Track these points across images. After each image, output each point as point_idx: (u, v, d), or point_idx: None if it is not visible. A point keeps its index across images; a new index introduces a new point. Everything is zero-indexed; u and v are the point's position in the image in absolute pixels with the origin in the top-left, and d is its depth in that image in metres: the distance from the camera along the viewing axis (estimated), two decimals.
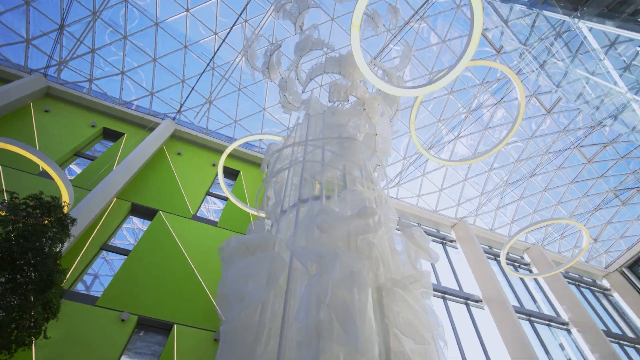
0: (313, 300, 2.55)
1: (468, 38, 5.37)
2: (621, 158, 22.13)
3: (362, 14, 5.19)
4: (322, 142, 4.47)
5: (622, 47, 8.40)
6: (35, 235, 5.52)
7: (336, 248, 3.04)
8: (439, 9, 16.48)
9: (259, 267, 3.04)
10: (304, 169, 4.28)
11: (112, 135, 15.47)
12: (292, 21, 9.69)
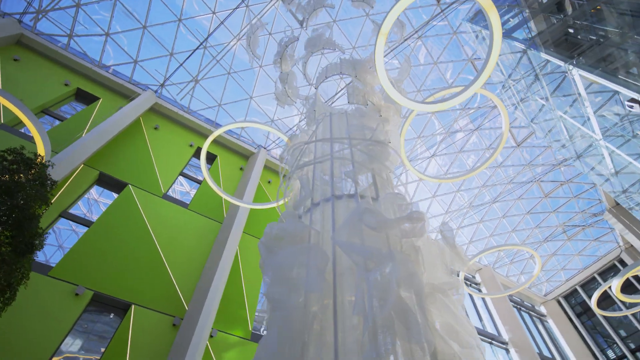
0: (375, 296, 2.52)
1: (485, 60, 5.53)
2: (573, 197, 23.85)
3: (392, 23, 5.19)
4: (350, 141, 4.40)
5: (603, 96, 9.06)
6: (20, 193, 5.03)
7: (382, 248, 3.02)
8: (436, 32, 16.95)
9: (305, 257, 2.94)
10: (335, 166, 4.21)
11: (86, 98, 14.47)
12: (303, 16, 9.54)
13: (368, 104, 5.66)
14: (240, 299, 12.05)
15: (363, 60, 6.73)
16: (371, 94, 5.90)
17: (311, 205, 4.03)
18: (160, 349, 9.43)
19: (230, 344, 10.76)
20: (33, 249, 5.27)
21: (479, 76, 5.55)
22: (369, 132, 4.68)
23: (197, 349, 9.20)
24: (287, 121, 19.29)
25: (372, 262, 2.77)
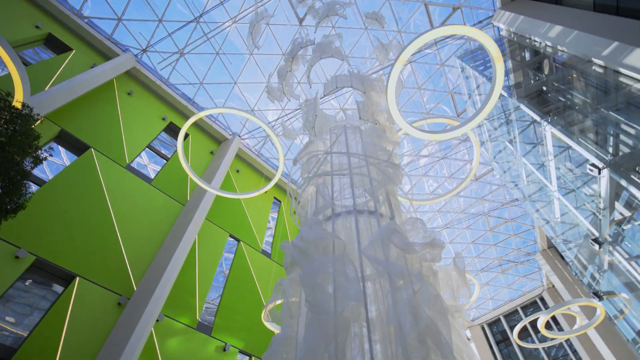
0: (409, 312, 2.61)
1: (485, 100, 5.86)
2: (513, 235, 25.87)
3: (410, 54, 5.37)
4: (367, 159, 4.50)
5: (566, 154, 10.01)
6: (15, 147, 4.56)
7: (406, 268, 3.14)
8: (425, 59, 17.62)
9: (340, 266, 2.97)
10: (353, 180, 4.27)
11: (58, 46, 13.27)
12: (314, 19, 9.50)
13: (376, 122, 5.81)
14: (191, 286, 11.68)
15: (372, 79, 6.86)
16: (378, 113, 6.05)
17: (332, 215, 4.08)
18: (102, 328, 8.89)
19: (176, 330, 10.39)
20: (16, 211, 4.82)
21: (478, 114, 5.91)
22: (382, 152, 4.82)
23: (143, 332, 8.79)
24: (267, 113, 19.02)
25: (400, 280, 2.90)
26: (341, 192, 4.32)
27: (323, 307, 2.77)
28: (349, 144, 4.99)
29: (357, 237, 3.64)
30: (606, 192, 8.15)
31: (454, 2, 16.10)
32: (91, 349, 8.43)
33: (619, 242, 9.68)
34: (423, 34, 5.29)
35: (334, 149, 4.98)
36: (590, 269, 12.79)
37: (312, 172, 4.66)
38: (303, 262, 3.26)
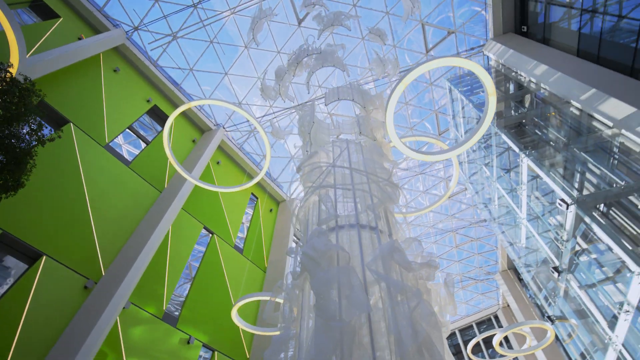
0: (408, 325, 2.85)
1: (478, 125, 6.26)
2: (477, 254, 27.10)
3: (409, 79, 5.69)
4: (368, 176, 4.75)
5: (538, 185, 10.77)
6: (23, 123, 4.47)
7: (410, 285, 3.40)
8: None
9: (346, 277, 3.18)
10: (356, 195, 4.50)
11: (44, 11, 12.69)
12: (319, 25, 9.69)
13: (375, 139, 6.09)
14: (161, 276, 11.53)
15: (373, 96, 7.15)
16: (376, 129, 6.33)
17: (336, 227, 4.29)
18: (65, 311, 8.64)
19: (141, 319, 10.24)
20: (17, 189, 4.70)
21: (466, 142, 6.33)
22: (382, 170, 5.10)
23: (109, 318, 8.64)
24: (254, 108, 18.98)
25: (400, 295, 3.17)
26: (344, 205, 4.56)
27: (332, 315, 3.00)
28: (351, 159, 5.24)
29: (361, 251, 3.89)
30: (570, 226, 8.85)
31: (449, 25, 16.78)
32: (52, 332, 8.19)
33: (575, 272, 10.51)
34: (424, 63, 5.63)
35: (337, 163, 5.23)
36: (545, 293, 13.73)
37: (317, 182, 4.85)
38: (314, 271, 3.46)
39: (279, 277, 15.94)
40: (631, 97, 8.17)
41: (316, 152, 5.62)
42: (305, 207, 5.19)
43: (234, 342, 12.93)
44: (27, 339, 7.69)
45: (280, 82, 10.18)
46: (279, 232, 18.72)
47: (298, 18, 17.36)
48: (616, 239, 7.58)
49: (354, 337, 2.92)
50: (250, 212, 18.37)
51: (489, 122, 6.46)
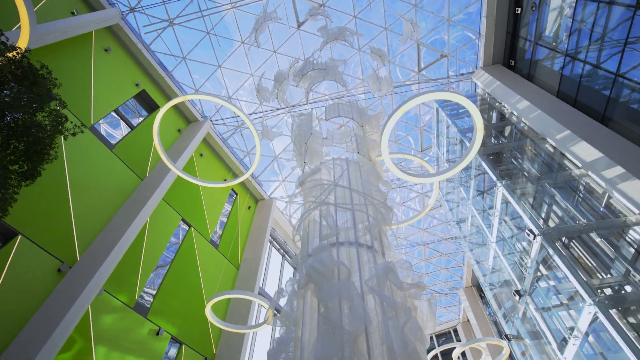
0: (399, 338, 3.27)
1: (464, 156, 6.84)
2: (444, 268, 28.30)
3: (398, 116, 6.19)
4: (365, 198, 5.18)
5: (510, 214, 11.63)
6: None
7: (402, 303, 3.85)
8: (404, 93, 18.94)
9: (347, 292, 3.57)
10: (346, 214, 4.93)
11: None
12: (323, 38, 10.07)
13: (371, 159, 6.54)
14: (136, 264, 11.53)
15: (371, 116, 7.61)
16: (372, 149, 6.80)
17: (337, 243, 4.69)
18: (37, 293, 8.58)
19: (112, 307, 10.25)
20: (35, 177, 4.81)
21: (451, 169, 6.91)
22: (378, 192, 5.56)
23: (83, 305, 8.66)
24: (244, 104, 19.09)
25: (392, 311, 3.61)
26: (346, 223, 4.99)
27: (336, 324, 3.40)
28: (350, 179, 5.68)
29: (359, 269, 4.32)
30: (535, 254, 9.68)
31: (443, 47, 17.61)
32: (23, 314, 8.13)
33: (534, 295, 11.42)
34: (421, 95, 6.16)
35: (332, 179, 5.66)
36: (504, 312, 14.71)
37: (319, 199, 5.24)
38: (321, 283, 3.84)
39: (252, 275, 16.18)
40: (600, 143, 9.06)
41: (319, 169, 6.01)
42: (306, 221, 5.56)
43: (202, 337, 13.07)
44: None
45: (279, 87, 10.51)
46: (255, 230, 18.92)
47: (298, 21, 17.67)
48: (573, 270, 8.42)
49: (354, 345, 3.34)
50: (228, 208, 18.47)
51: (474, 154, 7.07)
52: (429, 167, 9.51)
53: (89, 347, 9.19)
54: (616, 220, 9.01)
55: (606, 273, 9.45)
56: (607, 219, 9.24)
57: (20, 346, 7.68)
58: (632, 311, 8.43)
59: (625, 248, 9.19)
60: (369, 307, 3.89)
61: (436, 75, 18.61)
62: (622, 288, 8.99)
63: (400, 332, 3.44)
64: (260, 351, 15.98)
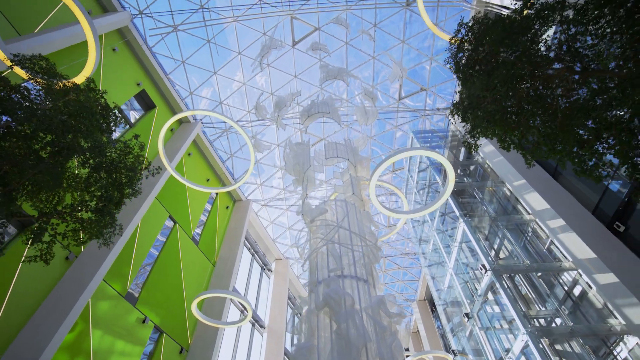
0: (387, 353, 5.25)
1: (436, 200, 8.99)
2: (400, 281, 31.06)
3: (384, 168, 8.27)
4: (362, 239, 7.16)
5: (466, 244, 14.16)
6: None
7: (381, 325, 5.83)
8: (384, 117, 21.28)
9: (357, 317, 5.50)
10: (348, 252, 6.88)
11: None
12: (323, 75, 11.98)
13: (361, 196, 8.53)
14: (128, 257, 12.86)
15: (362, 157, 9.64)
16: (363, 188, 8.79)
17: (342, 276, 6.60)
18: (48, 280, 9.86)
19: (108, 295, 11.59)
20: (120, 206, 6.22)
21: (424, 209, 9.07)
22: (369, 234, 7.56)
23: (91, 291, 10.07)
24: (234, 111, 20.60)
25: (383, 333, 5.57)
26: (349, 259, 6.94)
27: (347, 339, 5.30)
28: (350, 221, 7.64)
29: (359, 299, 6.29)
30: (485, 285, 12.16)
31: (423, 82, 20.11)
32: (36, 297, 9.42)
33: (480, 317, 13.95)
34: (402, 152, 8.25)
35: (333, 217, 7.62)
36: (453, 328, 17.34)
37: (327, 238, 7.15)
38: (336, 308, 5.73)
39: (227, 273, 17.77)
40: (549, 195, 11.52)
41: (326, 210, 7.87)
42: (314, 255, 7.43)
43: (179, 328, 14.56)
44: (14, 303, 8.88)
45: (279, 112, 12.34)
46: (232, 230, 20.48)
47: (294, 40, 19.46)
48: (513, 302, 10.90)
49: (359, 355, 5.27)
50: (208, 208, 19.91)
51: (445, 200, 9.28)
52: (405, 204, 11.73)
53: (87, 330, 10.55)
54: (554, 264, 11.52)
55: (541, 307, 12.03)
56: (547, 262, 11.75)
57: (34, 325, 9.01)
58: (558, 341, 10.94)
59: (559, 288, 11.82)
60: (367, 329, 5.82)
61: (415, 101, 21.09)
62: (553, 321, 11.58)
63: (389, 349, 5.45)
64: (228, 345, 17.61)
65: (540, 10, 4.27)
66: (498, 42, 4.40)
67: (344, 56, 19.82)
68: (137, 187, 6.85)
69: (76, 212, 6.17)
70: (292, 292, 27.40)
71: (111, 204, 6.21)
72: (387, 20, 18.22)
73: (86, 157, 5.93)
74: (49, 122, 5.34)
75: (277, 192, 24.58)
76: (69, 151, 5.60)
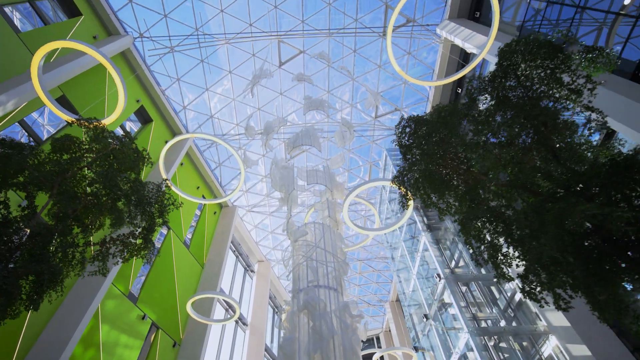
0: (348, 343, 7.42)
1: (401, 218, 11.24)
2: (374, 282, 33.54)
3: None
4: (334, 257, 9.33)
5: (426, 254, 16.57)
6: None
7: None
8: (362, 133, 23.55)
9: (328, 318, 7.63)
10: (322, 267, 9.03)
11: (69, 7, 14.94)
12: (307, 106, 14.07)
13: (336, 221, 10.67)
14: (130, 260, 14.61)
15: (338, 183, 11.79)
16: (338, 211, 10.92)
17: (317, 285, 8.70)
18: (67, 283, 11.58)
19: (113, 294, 13.36)
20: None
21: (401, 220, 11.28)
22: (340, 251, 9.71)
23: (105, 290, 11.87)
24: (223, 124, 22.44)
25: (346, 329, 7.73)
26: (323, 272, 9.07)
27: (320, 334, 7.40)
28: (325, 240, 9.75)
29: (330, 304, 8.42)
30: (440, 291, 14.57)
31: (397, 103, 22.47)
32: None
33: (435, 319, 16.41)
34: (372, 182, 10.43)
35: (312, 238, 9.75)
36: (417, 328, 19.82)
37: (307, 255, 9.24)
38: (313, 311, 7.81)
39: (215, 275, 19.67)
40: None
41: (306, 232, 9.91)
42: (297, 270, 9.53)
43: (173, 324, 16.40)
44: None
45: (267, 135, 14.36)
46: (219, 234, 22.35)
47: (280, 61, 21.46)
48: (460, 307, 13.31)
49: (329, 345, 7.39)
50: (198, 213, 21.71)
51: (404, 221, 11.52)
52: (377, 220, 13.98)
53: (97, 325, 12.34)
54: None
55: (490, 311, 14.47)
56: (492, 273, 14.20)
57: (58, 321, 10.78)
58: (500, 340, 13.35)
59: (500, 295, 14.27)
60: (335, 326, 7.92)
61: (390, 119, 23.45)
62: (497, 323, 14.01)
63: (350, 341, 7.63)
64: (214, 340, 19.53)
65: (447, 117, 6.46)
66: (425, 135, 6.55)
67: (327, 77, 21.95)
68: (166, 218, 8.73)
69: (127, 239, 7.98)
70: (273, 291, 29.49)
71: (150, 233, 8.11)
72: (365, 47, 20.42)
73: (130, 198, 7.75)
74: (114, 180, 7.23)
75: (261, 198, 26.54)
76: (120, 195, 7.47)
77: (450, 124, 6.53)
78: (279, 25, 19.37)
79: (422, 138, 6.63)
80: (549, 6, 11.65)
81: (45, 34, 13.42)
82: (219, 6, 18.57)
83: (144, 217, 7.87)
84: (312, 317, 7.73)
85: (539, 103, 5.79)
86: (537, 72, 5.87)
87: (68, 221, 7.16)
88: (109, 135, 8.14)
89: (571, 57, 5.69)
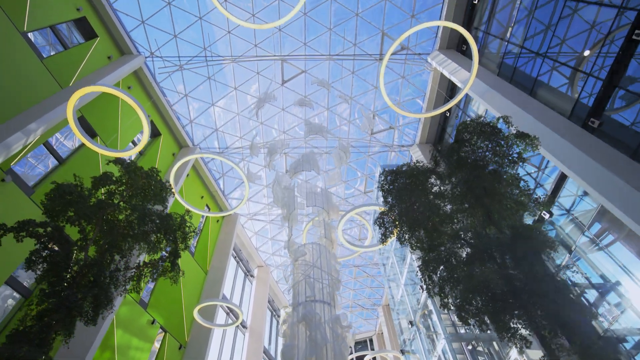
0: (338, 350, 8.67)
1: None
2: (368, 287, 34.84)
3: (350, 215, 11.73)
4: (329, 274, 10.56)
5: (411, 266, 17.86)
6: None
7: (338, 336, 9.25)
8: (359, 148, 24.79)
9: (322, 329, 8.86)
10: (317, 283, 10.29)
11: (86, 29, 15.99)
12: (308, 131, 15.26)
13: (332, 241, 11.90)
14: None
15: (335, 204, 13.01)
16: (333, 230, 12.14)
17: (314, 300, 9.92)
18: None
19: (126, 301, 14.53)
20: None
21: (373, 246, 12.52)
22: (334, 269, 10.97)
23: (120, 300, 13.02)
24: (227, 137, 23.61)
25: (337, 338, 8.97)
26: (319, 288, 10.30)
27: (316, 342, 8.61)
28: (321, 258, 10.97)
29: (324, 316, 9.65)
30: (423, 300, 15.86)
31: (392, 122, 23.73)
32: None
33: (421, 324, 17.73)
34: (370, 205, 11.66)
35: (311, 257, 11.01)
36: (404, 333, 21.15)
37: (305, 273, 10.47)
38: (311, 322, 9.02)
39: (218, 281, 20.85)
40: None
41: (304, 253, 11.11)
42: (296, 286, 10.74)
43: (179, 328, 17.59)
44: None
45: (271, 157, 15.56)
46: (222, 242, 23.53)
47: (283, 79, 22.65)
48: (439, 315, 14.60)
49: (322, 351, 8.62)
50: (201, 221, 22.88)
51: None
52: (370, 235, 15.21)
53: (112, 329, 13.52)
54: None
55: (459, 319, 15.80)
56: None
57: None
58: (471, 344, 14.72)
59: None
60: (328, 335, 9.14)
61: (385, 136, 24.72)
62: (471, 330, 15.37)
63: (340, 348, 8.87)
64: (216, 342, 20.74)
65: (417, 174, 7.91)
66: (401, 188, 8.00)
67: (326, 94, 23.17)
68: (188, 244, 9.96)
69: (157, 264, 9.22)
70: (271, 295, 30.74)
71: (177, 258, 9.35)
72: (363, 69, 21.66)
73: (157, 225, 8.95)
74: (147, 213, 8.47)
75: (262, 207, 27.74)
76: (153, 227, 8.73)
77: (421, 178, 8.00)
78: (282, 46, 20.56)
79: (399, 187, 8.07)
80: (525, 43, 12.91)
81: (66, 58, 14.53)
82: (227, 27, 19.71)
83: (169, 242, 9.07)
84: (309, 327, 8.94)
85: (484, 170, 7.33)
86: (484, 143, 7.49)
87: (112, 250, 8.37)
88: (141, 174, 9.31)
89: (507, 137, 7.39)
